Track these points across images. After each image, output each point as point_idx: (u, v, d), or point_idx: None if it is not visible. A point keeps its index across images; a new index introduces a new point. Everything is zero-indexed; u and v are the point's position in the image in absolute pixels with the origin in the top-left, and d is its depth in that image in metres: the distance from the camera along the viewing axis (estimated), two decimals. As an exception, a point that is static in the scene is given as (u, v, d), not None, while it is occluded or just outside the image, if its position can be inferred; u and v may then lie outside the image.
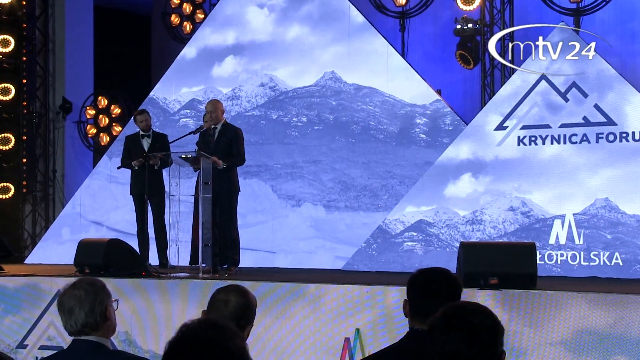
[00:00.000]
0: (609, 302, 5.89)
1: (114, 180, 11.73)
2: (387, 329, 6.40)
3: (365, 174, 10.46)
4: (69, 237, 11.61)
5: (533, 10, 10.99)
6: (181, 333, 2.07)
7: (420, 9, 11.67)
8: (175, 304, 7.32)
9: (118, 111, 13.43)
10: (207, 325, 2.07)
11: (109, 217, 11.68)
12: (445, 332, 2.31)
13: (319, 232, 10.55)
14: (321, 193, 10.65)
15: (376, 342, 6.35)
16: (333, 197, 10.61)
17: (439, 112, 10.20)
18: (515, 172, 9.00)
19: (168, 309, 7.34)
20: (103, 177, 11.92)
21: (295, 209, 10.77)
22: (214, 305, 3.23)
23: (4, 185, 12.96)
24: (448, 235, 9.29)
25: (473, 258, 6.58)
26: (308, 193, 10.74)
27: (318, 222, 10.61)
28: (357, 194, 10.49)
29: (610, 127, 8.62)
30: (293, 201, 10.83)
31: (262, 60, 11.17)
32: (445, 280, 3.27)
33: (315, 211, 10.67)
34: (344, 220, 10.49)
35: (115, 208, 11.66)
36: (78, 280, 3.30)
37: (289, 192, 10.86)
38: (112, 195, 11.74)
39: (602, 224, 8.57)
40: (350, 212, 10.44)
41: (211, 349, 2.02)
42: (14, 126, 13.02)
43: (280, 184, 10.92)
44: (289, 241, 10.66)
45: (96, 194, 11.90)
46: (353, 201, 10.50)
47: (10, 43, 12.91)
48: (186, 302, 7.25)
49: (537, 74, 8.89)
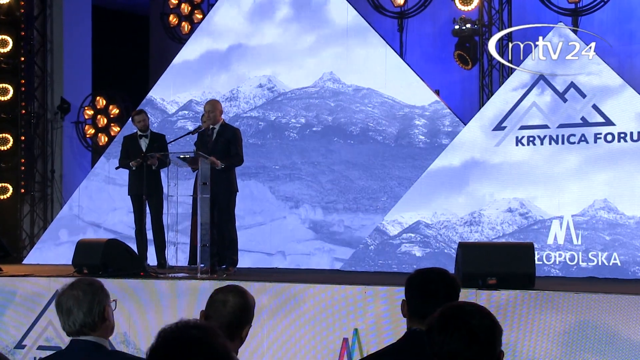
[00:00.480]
0: (607, 303, 5.89)
1: (111, 181, 11.71)
2: (385, 330, 6.40)
3: (364, 175, 10.44)
4: (67, 239, 11.59)
5: (531, 10, 10.99)
6: (161, 338, 2.00)
7: (418, 9, 11.68)
8: (174, 304, 7.31)
9: (116, 111, 13.42)
10: (187, 326, 2.01)
11: (106, 219, 11.65)
12: (443, 333, 2.31)
13: (317, 234, 10.53)
14: (319, 195, 10.64)
15: (374, 343, 6.35)
16: (331, 198, 10.61)
17: (438, 113, 10.18)
18: (513, 173, 9.00)
19: (166, 309, 7.33)
20: (100, 179, 11.89)
21: (293, 211, 10.76)
22: (212, 305, 3.22)
23: (2, 185, 12.95)
24: (446, 237, 9.27)
25: (471, 258, 6.58)
26: (306, 194, 10.73)
27: (316, 224, 10.60)
28: (355, 195, 10.48)
29: (608, 127, 8.62)
30: (291, 202, 10.82)
31: (260, 61, 11.14)
32: (444, 281, 3.27)
33: (313, 213, 10.66)
34: (342, 222, 10.48)
35: (113, 210, 11.64)
36: (76, 281, 3.30)
37: (287, 194, 10.84)
38: (110, 196, 11.72)
39: (601, 225, 8.57)
40: (349, 213, 10.43)
41: (195, 349, 1.96)
42: (12, 126, 13.01)
43: (278, 186, 10.91)
44: (286, 243, 10.64)
45: (93, 196, 11.87)
46: (351, 203, 10.48)
47: (8, 43, 12.90)
48: (184, 302, 7.25)
49: (535, 74, 8.90)
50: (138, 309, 7.39)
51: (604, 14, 10.65)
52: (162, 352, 1.99)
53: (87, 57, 13.77)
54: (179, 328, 2.02)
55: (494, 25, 10.77)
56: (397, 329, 6.04)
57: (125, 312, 7.28)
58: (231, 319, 3.13)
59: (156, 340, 2.02)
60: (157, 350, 2.00)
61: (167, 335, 2.01)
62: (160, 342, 2.01)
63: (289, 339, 6.75)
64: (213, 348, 1.98)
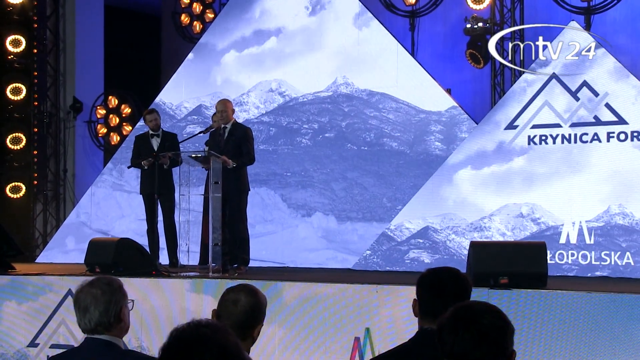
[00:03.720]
0: (620, 303, 5.86)
1: (119, 188, 11.68)
2: (396, 329, 6.39)
3: (378, 183, 10.23)
4: (74, 247, 11.56)
5: (543, 9, 10.95)
6: (173, 337, 2.01)
7: (430, 8, 11.66)
8: (185, 303, 7.33)
9: (128, 111, 13.46)
10: (199, 325, 2.02)
11: (114, 226, 11.54)
12: (454, 333, 2.31)
13: (330, 244, 10.34)
14: (332, 202, 10.50)
15: (386, 342, 6.34)
16: (345, 207, 10.47)
17: (455, 119, 10.00)
18: (525, 172, 8.95)
19: (177, 308, 7.35)
20: (108, 185, 11.86)
21: (305, 219, 10.63)
22: (223, 304, 3.22)
23: (15, 184, 13.01)
24: (455, 242, 9.15)
25: (483, 257, 6.55)
26: (319, 202, 10.60)
27: (329, 233, 10.40)
28: (369, 203, 10.31)
29: (621, 126, 8.58)
30: (303, 211, 10.69)
31: (271, 65, 11.03)
32: (455, 280, 3.26)
33: (326, 221, 10.52)
34: (356, 231, 10.28)
35: (121, 217, 11.59)
36: (96, 279, 3.30)
37: (299, 202, 10.70)
38: (117, 203, 11.67)
39: (614, 223, 8.52)
40: (363, 222, 10.23)
41: (207, 348, 1.96)
42: (25, 126, 13.06)
43: (290, 193, 10.76)
44: (298, 253, 10.40)
45: (101, 202, 11.80)
46: (365, 211, 10.31)
47: (21, 43, 12.95)
48: (196, 301, 7.26)
49: (547, 73, 8.86)
50: (149, 308, 7.41)
51: (616, 12, 10.59)
52: (174, 351, 1.99)
53: (99, 56, 13.81)
54: (190, 327, 2.02)
55: (506, 24, 10.73)
56: (409, 328, 6.03)
57: (136, 311, 7.29)
58: (243, 319, 3.13)
59: (168, 340, 2.02)
60: (169, 350, 2.00)
61: (179, 335, 2.01)
62: (172, 341, 2.01)
63: (300, 338, 6.75)
64: (225, 347, 1.99)
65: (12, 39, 12.89)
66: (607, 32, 9.90)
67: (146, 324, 7.39)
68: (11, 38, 12.89)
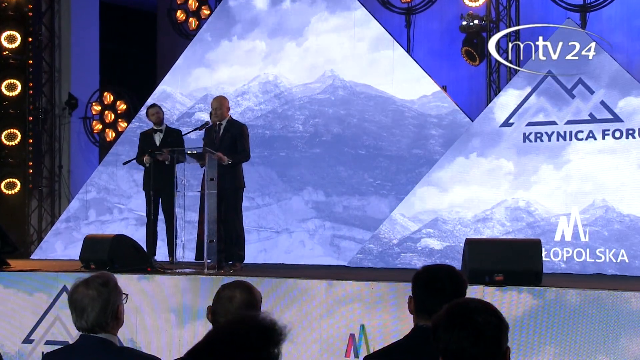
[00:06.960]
0: (614, 300, 5.88)
1: (110, 192, 11.66)
2: (391, 326, 6.40)
3: (376, 183, 10.23)
4: (62, 253, 11.53)
5: (539, 6, 10.96)
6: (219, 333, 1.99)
7: (425, 6, 11.66)
8: (181, 299, 7.33)
9: (124, 107, 13.44)
10: None
11: (104, 232, 11.50)
12: (449, 330, 2.31)
13: (332, 253, 10.33)
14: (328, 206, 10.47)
15: (381, 339, 6.35)
16: (340, 209, 10.42)
17: (451, 116, 9.97)
18: (520, 169, 8.96)
19: (173, 304, 7.35)
20: (100, 189, 11.80)
21: (301, 225, 10.56)
22: (219, 301, 3.23)
23: (10, 181, 12.98)
24: (453, 237, 9.15)
25: (478, 254, 6.57)
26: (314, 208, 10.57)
27: (324, 239, 10.39)
28: (365, 203, 10.27)
29: (616, 123, 8.60)
30: (299, 216, 10.65)
31: (266, 61, 11.02)
32: (450, 277, 3.27)
33: (323, 229, 10.50)
34: (354, 238, 10.29)
35: (112, 222, 11.57)
36: (91, 278, 3.25)
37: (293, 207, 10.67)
38: (107, 208, 11.66)
39: (608, 220, 8.54)
40: (359, 230, 10.19)
41: None
42: (20, 122, 13.03)
43: (285, 199, 10.73)
44: (300, 260, 10.33)
45: (91, 207, 11.80)
46: (362, 211, 10.27)
47: (16, 39, 12.93)
48: (191, 298, 7.26)
49: (543, 71, 8.87)
50: (144, 304, 7.41)
51: (612, 10, 10.61)
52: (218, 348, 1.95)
53: (94, 52, 13.79)
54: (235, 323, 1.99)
55: (502, 21, 10.74)
56: (404, 326, 6.04)
57: (131, 307, 7.29)
58: (238, 315, 3.13)
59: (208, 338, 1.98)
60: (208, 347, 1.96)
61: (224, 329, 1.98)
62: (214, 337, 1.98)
63: (296, 334, 6.75)
64: None
65: (7, 35, 12.87)
66: (602, 30, 9.91)
67: (139, 320, 7.38)
68: (6, 34, 12.86)
